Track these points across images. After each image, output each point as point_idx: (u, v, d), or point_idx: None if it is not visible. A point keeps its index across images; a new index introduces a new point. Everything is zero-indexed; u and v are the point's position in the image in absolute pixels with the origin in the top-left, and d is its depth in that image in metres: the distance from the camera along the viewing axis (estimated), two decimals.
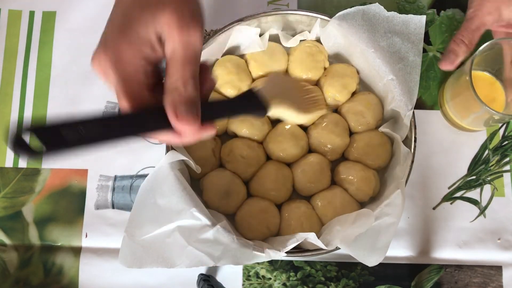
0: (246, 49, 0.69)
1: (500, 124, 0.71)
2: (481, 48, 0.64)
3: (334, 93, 0.68)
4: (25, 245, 0.71)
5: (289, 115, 0.49)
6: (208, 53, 0.66)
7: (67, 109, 0.75)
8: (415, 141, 0.64)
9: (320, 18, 0.68)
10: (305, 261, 0.70)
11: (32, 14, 0.79)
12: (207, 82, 0.42)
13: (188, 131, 0.40)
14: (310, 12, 0.68)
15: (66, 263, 0.70)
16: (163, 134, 0.41)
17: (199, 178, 0.66)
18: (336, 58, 0.71)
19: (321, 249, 0.60)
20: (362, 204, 0.66)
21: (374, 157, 0.66)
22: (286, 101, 0.48)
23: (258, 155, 0.66)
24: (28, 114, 0.75)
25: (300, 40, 0.70)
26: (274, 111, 0.47)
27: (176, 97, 0.39)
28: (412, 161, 0.63)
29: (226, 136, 0.69)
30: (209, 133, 0.41)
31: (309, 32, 0.70)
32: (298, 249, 0.62)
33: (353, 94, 0.70)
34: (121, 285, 0.70)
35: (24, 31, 0.78)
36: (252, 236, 0.63)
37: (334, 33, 0.67)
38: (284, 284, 0.69)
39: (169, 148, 0.62)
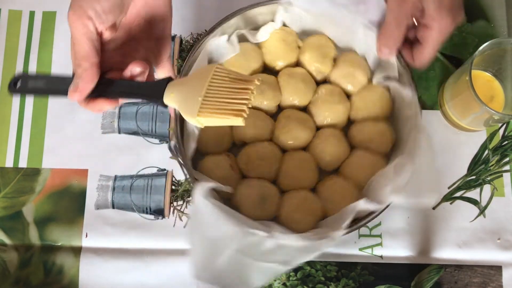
0: (222, 58, 0.69)
1: (499, 124, 0.71)
2: (481, 48, 0.64)
3: (317, 65, 0.69)
4: (25, 245, 0.71)
5: (182, 112, 0.48)
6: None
7: (67, 109, 0.75)
8: (412, 79, 0.64)
9: (280, 3, 0.67)
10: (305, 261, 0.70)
11: (32, 14, 0.79)
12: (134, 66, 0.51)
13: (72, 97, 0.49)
14: (267, 1, 0.68)
15: (66, 263, 0.70)
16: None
17: (229, 198, 0.66)
18: (306, 35, 0.71)
19: (372, 212, 0.60)
20: (387, 156, 0.67)
21: (378, 110, 0.67)
22: (183, 99, 0.48)
23: (274, 151, 0.66)
24: (28, 114, 0.75)
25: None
26: (169, 103, 0.49)
27: (75, 68, 0.49)
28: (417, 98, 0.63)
29: (235, 148, 0.68)
30: (107, 106, 0.50)
31: (273, 21, 0.70)
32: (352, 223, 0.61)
33: (335, 61, 0.70)
34: (121, 285, 0.70)
35: (24, 31, 0.78)
36: (302, 229, 0.63)
37: (300, 12, 0.68)
38: (284, 284, 0.69)
39: (193, 178, 0.62)
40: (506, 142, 0.71)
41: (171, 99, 0.48)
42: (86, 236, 0.71)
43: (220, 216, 0.58)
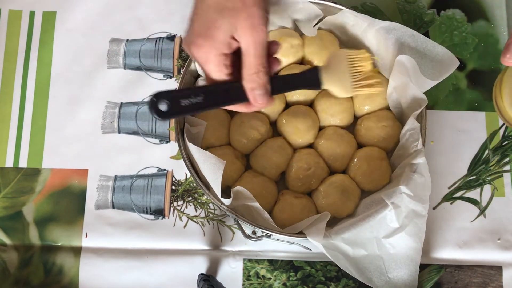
0: None
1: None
2: None
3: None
4: (25, 245, 0.71)
5: (337, 92, 0.58)
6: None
7: (67, 109, 0.75)
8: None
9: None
10: (305, 261, 0.70)
11: (32, 14, 0.79)
12: (275, 62, 0.54)
13: (260, 104, 0.54)
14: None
15: (66, 263, 0.70)
16: (239, 105, 0.55)
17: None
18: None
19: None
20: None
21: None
22: (338, 80, 0.58)
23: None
24: (28, 114, 0.75)
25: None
26: (327, 87, 0.58)
27: (253, 85, 0.52)
28: None
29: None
30: (269, 104, 0.54)
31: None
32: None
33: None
34: (121, 285, 0.70)
35: (24, 31, 0.78)
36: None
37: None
38: (284, 284, 0.69)
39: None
40: (506, 142, 0.71)
41: (327, 85, 0.57)
42: (86, 236, 0.71)
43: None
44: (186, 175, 0.73)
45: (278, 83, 0.55)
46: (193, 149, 0.62)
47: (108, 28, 0.78)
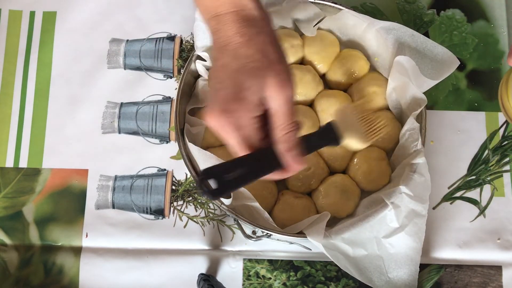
0: None
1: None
2: None
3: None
4: (25, 245, 0.71)
5: (355, 144, 0.56)
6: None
7: (67, 109, 0.75)
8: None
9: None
10: (305, 261, 0.70)
11: (32, 14, 0.79)
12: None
13: (297, 168, 0.49)
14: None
15: (67, 263, 0.70)
16: (274, 173, 0.50)
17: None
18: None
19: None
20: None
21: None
22: (354, 132, 0.56)
23: None
24: (28, 114, 0.75)
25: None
26: (346, 141, 0.55)
27: (289, 145, 0.49)
28: None
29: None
30: (304, 166, 0.50)
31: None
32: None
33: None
34: (122, 285, 0.70)
35: (24, 31, 0.78)
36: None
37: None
38: (284, 284, 0.69)
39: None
40: (506, 142, 0.71)
41: (347, 139, 0.56)
42: (86, 236, 0.71)
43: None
44: (186, 175, 0.73)
45: (301, 145, 0.51)
46: (193, 149, 0.62)
47: (108, 28, 0.78)
